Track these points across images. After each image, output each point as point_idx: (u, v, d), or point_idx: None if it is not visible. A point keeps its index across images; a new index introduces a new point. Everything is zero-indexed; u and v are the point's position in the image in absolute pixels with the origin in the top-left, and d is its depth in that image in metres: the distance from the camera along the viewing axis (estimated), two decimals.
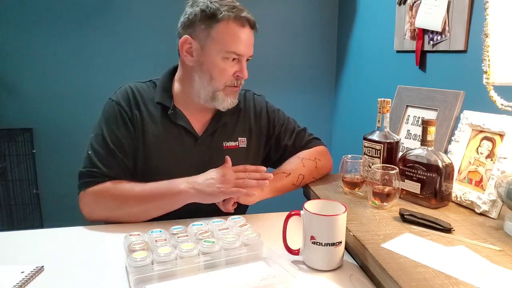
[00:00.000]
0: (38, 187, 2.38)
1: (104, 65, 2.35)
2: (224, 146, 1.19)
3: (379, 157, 1.12)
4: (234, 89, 1.13)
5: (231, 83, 1.11)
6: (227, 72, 1.09)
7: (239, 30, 1.08)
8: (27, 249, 0.92)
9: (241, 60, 1.10)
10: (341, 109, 2.58)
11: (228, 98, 1.13)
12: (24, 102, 2.30)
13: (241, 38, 1.08)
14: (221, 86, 1.10)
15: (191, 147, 1.15)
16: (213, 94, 1.11)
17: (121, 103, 1.12)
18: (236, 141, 1.21)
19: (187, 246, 0.81)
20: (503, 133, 0.97)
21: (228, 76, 1.10)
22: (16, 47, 2.24)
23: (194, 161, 1.14)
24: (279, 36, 2.51)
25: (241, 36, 1.08)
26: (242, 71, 1.11)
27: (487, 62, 0.88)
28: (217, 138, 1.18)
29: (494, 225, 0.90)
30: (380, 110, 1.13)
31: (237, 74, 1.11)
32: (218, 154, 1.16)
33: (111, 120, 1.11)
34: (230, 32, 1.07)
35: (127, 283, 0.77)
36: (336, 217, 0.79)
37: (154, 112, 1.14)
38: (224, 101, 1.12)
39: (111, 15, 2.32)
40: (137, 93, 1.15)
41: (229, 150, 1.18)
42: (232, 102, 1.14)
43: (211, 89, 1.11)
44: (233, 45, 1.07)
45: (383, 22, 1.94)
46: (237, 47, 1.08)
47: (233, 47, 1.08)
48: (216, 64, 1.08)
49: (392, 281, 0.68)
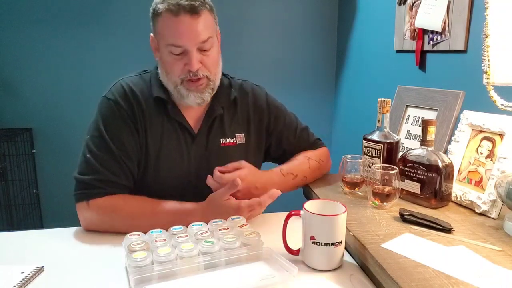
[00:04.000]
0: (38, 187, 2.38)
1: (104, 65, 2.34)
2: (221, 143, 1.15)
3: (379, 157, 1.12)
4: (193, 83, 1.05)
5: (185, 76, 1.04)
6: (176, 66, 1.04)
7: (173, 20, 1.00)
8: (27, 249, 0.92)
9: (188, 51, 1.02)
10: (341, 109, 2.58)
11: (191, 93, 1.06)
12: (24, 102, 2.30)
13: (176, 29, 1.00)
14: (177, 80, 1.05)
15: (188, 144, 1.12)
16: (175, 89, 1.06)
17: (119, 102, 1.06)
18: (233, 138, 1.17)
19: (187, 246, 0.81)
20: (503, 133, 0.97)
21: (178, 70, 1.04)
22: (16, 47, 2.24)
23: (190, 160, 1.11)
24: (279, 36, 2.51)
25: (176, 26, 1.00)
26: (190, 62, 1.02)
27: (487, 62, 0.88)
28: (213, 136, 1.14)
29: (494, 225, 0.90)
30: (380, 110, 1.13)
31: (186, 67, 1.03)
32: (215, 153, 1.14)
33: (110, 121, 1.04)
34: (165, 24, 1.01)
35: (127, 283, 0.77)
36: (336, 217, 0.79)
37: (153, 108, 1.09)
38: (188, 96, 1.06)
39: (111, 15, 2.32)
40: (136, 88, 1.09)
41: (227, 147, 1.15)
42: (198, 98, 1.06)
43: (171, 84, 1.07)
44: (170, 37, 1.01)
45: (383, 22, 1.94)
46: (174, 39, 1.01)
47: (171, 40, 1.01)
48: (166, 59, 1.05)
49: (392, 281, 0.68)
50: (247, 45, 2.50)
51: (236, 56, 2.48)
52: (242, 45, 2.49)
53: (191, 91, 1.06)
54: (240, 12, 2.44)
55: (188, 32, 1.00)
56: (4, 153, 2.20)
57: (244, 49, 2.50)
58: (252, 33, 2.47)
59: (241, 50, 2.50)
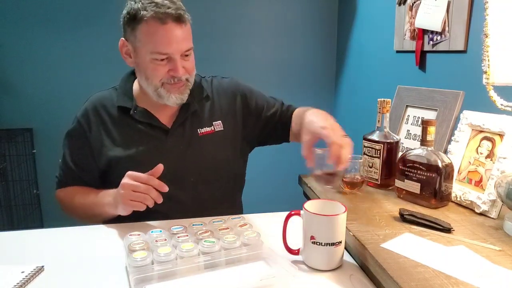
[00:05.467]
0: (38, 188, 2.38)
1: (105, 65, 2.34)
2: (199, 133, 1.17)
3: (379, 157, 1.12)
4: (174, 86, 1.08)
5: (168, 81, 1.07)
6: (159, 72, 1.05)
7: (160, 28, 1.01)
8: (27, 249, 0.92)
9: (173, 58, 1.04)
10: (341, 109, 2.58)
11: (172, 95, 1.08)
12: (24, 102, 2.30)
13: (164, 37, 1.02)
14: (158, 83, 1.07)
15: (162, 140, 1.13)
16: (155, 91, 1.08)
17: (81, 122, 1.16)
18: (211, 126, 1.19)
19: (187, 246, 0.81)
20: (503, 133, 0.97)
21: (161, 75, 1.06)
22: (16, 47, 2.24)
23: (169, 153, 1.13)
24: (279, 36, 2.51)
25: (164, 34, 1.01)
26: (175, 69, 1.05)
27: (487, 62, 0.88)
28: (189, 126, 1.16)
29: (494, 225, 0.90)
30: (380, 110, 1.13)
31: (171, 73, 1.06)
32: (194, 141, 1.15)
33: (71, 139, 1.19)
34: (151, 32, 1.02)
35: (127, 283, 0.77)
36: (336, 217, 0.79)
37: (117, 117, 1.14)
38: (169, 97, 1.08)
39: (112, 15, 2.31)
40: (99, 104, 1.16)
41: (205, 136, 1.17)
42: (178, 98, 1.09)
43: (152, 88, 1.08)
44: (156, 45, 1.02)
45: (383, 22, 1.94)
46: (161, 47, 1.02)
47: (157, 47, 1.02)
48: (147, 65, 1.06)
49: (392, 281, 0.68)
50: (247, 46, 2.50)
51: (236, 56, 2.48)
52: (242, 45, 2.49)
53: (172, 92, 1.09)
54: (240, 13, 2.44)
55: (175, 41, 1.03)
56: (4, 153, 2.20)
57: (244, 49, 2.50)
58: (252, 34, 2.47)
59: (241, 50, 2.50)
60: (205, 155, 1.16)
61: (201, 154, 1.16)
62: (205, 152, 1.16)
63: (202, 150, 1.16)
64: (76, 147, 1.17)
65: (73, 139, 1.19)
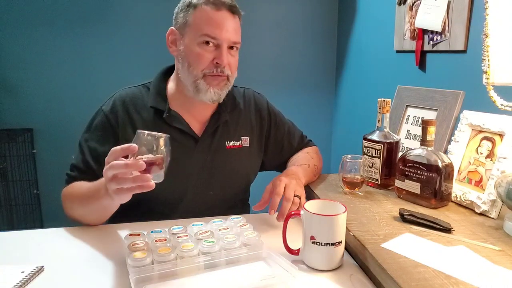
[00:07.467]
0: (38, 188, 2.38)
1: (105, 65, 2.35)
2: (227, 146, 1.17)
3: (379, 157, 1.12)
4: (215, 78, 1.06)
5: (210, 71, 1.05)
6: (204, 58, 1.04)
7: (213, 13, 1.03)
8: (27, 249, 0.92)
9: (220, 46, 1.04)
10: (341, 109, 2.58)
11: (211, 88, 1.06)
12: (24, 102, 2.30)
13: (215, 21, 1.03)
14: (199, 73, 1.05)
15: (191, 149, 1.13)
16: (194, 83, 1.06)
17: (109, 117, 1.09)
18: (239, 141, 1.19)
19: (187, 246, 0.81)
20: (503, 133, 0.97)
21: (205, 62, 1.05)
22: (16, 47, 2.24)
23: (194, 163, 1.12)
24: (279, 36, 2.51)
25: (216, 19, 1.03)
26: (220, 57, 1.04)
27: (487, 62, 0.88)
28: (218, 138, 1.16)
29: (494, 225, 0.90)
30: (380, 110, 1.13)
31: (216, 61, 1.05)
32: (220, 154, 1.15)
33: (96, 133, 1.09)
34: (204, 15, 1.04)
35: (127, 283, 0.77)
36: (336, 217, 0.79)
37: (148, 118, 1.10)
38: (207, 91, 1.06)
39: (112, 15, 2.32)
40: (129, 101, 1.12)
41: (232, 150, 1.17)
42: (216, 94, 1.07)
43: (192, 78, 1.06)
44: (206, 27, 1.03)
45: (383, 22, 1.94)
46: (211, 30, 1.03)
47: (207, 30, 1.03)
48: (193, 49, 1.05)
49: (392, 281, 0.68)
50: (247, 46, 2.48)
51: None
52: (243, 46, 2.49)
53: (211, 86, 1.07)
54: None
55: (226, 28, 1.04)
56: (4, 153, 2.19)
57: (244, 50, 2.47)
58: (253, 34, 2.46)
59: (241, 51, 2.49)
60: (228, 170, 1.16)
61: (225, 168, 1.16)
62: (228, 166, 1.16)
63: (226, 164, 1.15)
64: (101, 142, 1.08)
65: (99, 132, 1.09)
